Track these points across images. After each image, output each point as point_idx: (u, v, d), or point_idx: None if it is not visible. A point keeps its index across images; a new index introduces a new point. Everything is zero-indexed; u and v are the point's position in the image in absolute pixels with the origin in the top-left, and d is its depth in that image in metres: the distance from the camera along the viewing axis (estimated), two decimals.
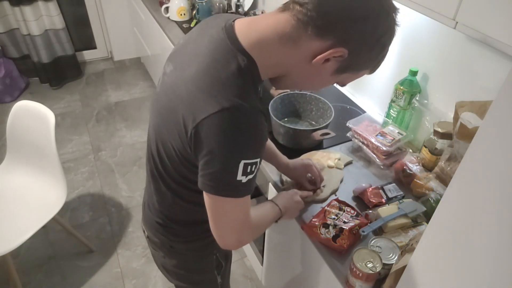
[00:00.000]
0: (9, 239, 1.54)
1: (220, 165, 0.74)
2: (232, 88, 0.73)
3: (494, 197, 0.55)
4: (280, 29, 0.74)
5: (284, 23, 0.74)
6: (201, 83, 0.74)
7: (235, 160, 0.73)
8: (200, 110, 0.72)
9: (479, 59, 1.13)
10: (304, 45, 0.74)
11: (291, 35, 0.74)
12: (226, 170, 0.74)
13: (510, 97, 0.50)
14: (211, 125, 0.71)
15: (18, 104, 1.70)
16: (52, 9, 3.01)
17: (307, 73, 0.80)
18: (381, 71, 1.53)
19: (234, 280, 1.97)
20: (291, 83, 0.85)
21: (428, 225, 0.70)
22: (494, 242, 0.57)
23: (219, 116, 0.71)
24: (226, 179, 0.75)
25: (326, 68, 0.77)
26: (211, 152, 0.73)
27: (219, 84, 0.73)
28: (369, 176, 1.29)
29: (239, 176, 0.75)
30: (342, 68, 0.77)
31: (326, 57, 0.74)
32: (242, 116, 0.72)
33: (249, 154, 0.74)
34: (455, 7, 0.82)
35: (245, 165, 0.74)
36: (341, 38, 0.72)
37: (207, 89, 0.73)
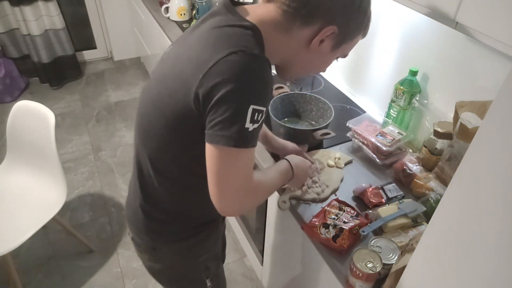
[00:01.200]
0: (9, 239, 1.54)
1: (230, 110, 0.72)
2: (239, 38, 0.75)
3: (494, 197, 0.55)
4: (273, 17, 0.80)
5: (274, 13, 0.80)
6: (208, 41, 0.76)
7: (245, 103, 0.72)
8: (208, 60, 0.73)
9: (479, 59, 1.13)
10: (296, 34, 0.81)
11: (282, 25, 0.80)
12: (236, 115, 0.72)
13: (510, 97, 0.50)
14: (220, 70, 0.71)
15: (18, 104, 1.70)
16: (52, 9, 3.01)
17: (309, 58, 0.86)
18: (381, 71, 1.54)
19: (234, 280, 1.97)
20: (297, 71, 0.91)
21: (428, 225, 0.70)
22: (494, 242, 0.57)
23: (227, 60, 0.71)
24: (236, 125, 0.73)
25: (324, 48, 0.84)
26: (221, 98, 0.72)
27: (226, 37, 0.75)
28: (369, 176, 1.29)
29: (247, 123, 0.73)
30: (338, 43, 0.84)
31: (320, 39, 0.81)
32: (251, 60, 0.73)
33: (257, 100, 0.73)
34: (455, 7, 0.82)
35: (253, 111, 0.72)
36: (327, 18, 0.79)
37: (214, 42, 0.75)
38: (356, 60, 1.67)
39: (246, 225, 1.83)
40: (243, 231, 1.89)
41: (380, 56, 1.52)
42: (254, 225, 1.71)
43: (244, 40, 0.75)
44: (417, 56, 1.35)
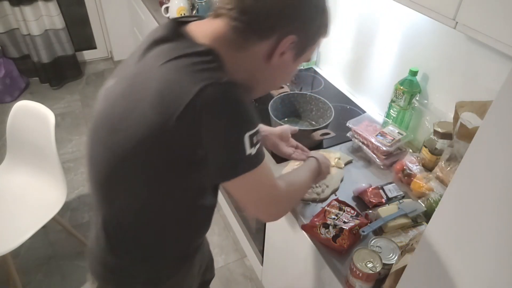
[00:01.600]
0: (9, 239, 1.54)
1: (226, 148, 0.69)
2: (203, 69, 0.68)
3: (494, 197, 0.55)
4: (225, 35, 0.73)
5: (225, 31, 0.73)
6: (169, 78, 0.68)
7: (238, 136, 0.68)
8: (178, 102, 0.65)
9: (479, 59, 1.13)
10: (253, 50, 0.74)
11: (236, 42, 0.73)
12: (234, 151, 0.69)
13: (510, 97, 0.50)
14: (197, 110, 0.65)
15: (18, 104, 1.70)
16: (52, 9, 3.01)
17: (272, 73, 0.80)
18: (381, 71, 1.53)
19: (234, 280, 1.97)
20: (262, 88, 0.85)
21: (428, 225, 0.70)
22: (494, 242, 0.57)
23: (201, 97, 0.65)
24: (238, 157, 0.70)
25: (286, 60, 0.78)
26: (211, 139, 0.68)
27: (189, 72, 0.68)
28: (369, 176, 1.29)
29: (248, 150, 0.69)
30: (300, 51, 0.78)
31: (280, 52, 0.75)
32: (225, 89, 0.67)
33: (248, 126, 0.70)
34: (455, 7, 0.82)
35: (249, 138, 0.69)
36: (283, 29, 0.73)
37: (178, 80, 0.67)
38: (356, 60, 1.67)
39: (246, 225, 1.83)
40: (243, 231, 1.89)
41: (380, 56, 1.52)
42: (254, 225, 1.71)
43: (208, 70, 0.68)
44: (417, 56, 1.35)
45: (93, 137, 0.81)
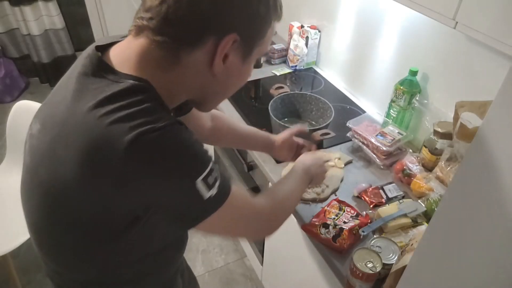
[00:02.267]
0: (9, 239, 1.54)
1: (178, 201, 0.61)
2: (135, 112, 0.56)
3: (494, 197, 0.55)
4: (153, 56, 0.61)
5: (152, 51, 0.61)
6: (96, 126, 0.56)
7: (189, 185, 0.58)
8: (110, 155, 0.55)
9: (479, 59, 1.13)
10: (188, 62, 0.62)
11: (167, 59, 0.61)
12: (188, 201, 0.60)
13: (510, 97, 0.50)
14: (134, 164, 0.55)
15: (18, 104, 1.70)
16: (52, 9, 3.01)
17: (222, 82, 0.68)
18: (381, 71, 1.53)
19: (234, 280, 1.97)
20: (215, 99, 0.75)
21: (428, 225, 0.70)
22: (494, 242, 0.57)
23: (134, 150, 0.54)
24: (196, 207, 0.61)
25: (233, 63, 0.65)
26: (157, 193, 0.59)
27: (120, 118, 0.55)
28: (369, 176, 1.29)
29: (206, 194, 0.60)
30: (247, 49, 0.66)
31: (221, 56, 0.62)
32: (162, 134, 0.56)
33: (198, 169, 0.59)
34: (455, 7, 0.82)
35: (204, 181, 0.59)
36: (218, 30, 0.60)
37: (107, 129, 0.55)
38: (356, 60, 1.67)
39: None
40: None
41: (380, 56, 1.52)
42: None
43: (138, 113, 0.56)
44: (417, 56, 1.35)
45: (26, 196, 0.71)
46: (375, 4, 1.48)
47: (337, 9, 1.67)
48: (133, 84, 0.59)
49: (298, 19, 1.94)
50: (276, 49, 1.91)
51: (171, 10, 0.58)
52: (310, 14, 1.89)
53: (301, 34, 1.83)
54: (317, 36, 1.82)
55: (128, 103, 0.57)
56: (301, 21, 1.91)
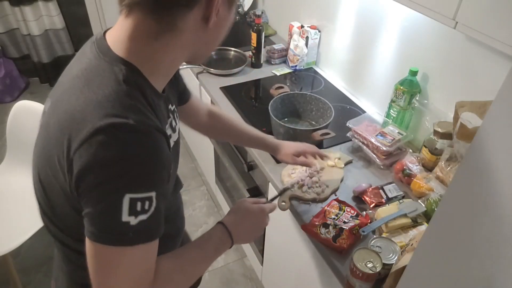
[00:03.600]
0: (9, 239, 1.54)
1: (98, 202, 0.57)
2: (110, 105, 0.58)
3: (494, 197, 0.55)
4: (148, 31, 0.63)
5: (147, 26, 0.62)
6: (75, 110, 0.60)
7: (116, 194, 0.56)
8: (73, 140, 0.58)
9: (479, 59, 1.13)
10: (185, 25, 0.63)
11: (163, 30, 0.63)
12: (106, 208, 0.57)
13: (510, 97, 0.50)
14: (84, 153, 0.56)
15: (18, 104, 1.70)
16: (52, 9, 3.01)
17: (212, 34, 0.70)
18: (381, 71, 1.53)
19: (234, 280, 1.97)
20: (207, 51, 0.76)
21: (428, 225, 0.70)
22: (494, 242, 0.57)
23: (92, 140, 0.56)
24: (108, 220, 0.57)
25: (222, 14, 0.67)
26: (88, 186, 0.57)
27: (94, 104, 0.58)
28: (369, 176, 1.29)
29: (125, 216, 0.57)
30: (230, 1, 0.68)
31: (216, 10, 0.64)
32: (123, 135, 0.57)
33: (135, 186, 0.57)
34: (455, 7, 0.82)
35: (132, 201, 0.57)
36: None
37: (81, 114, 0.58)
38: (356, 60, 1.67)
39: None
40: None
41: (380, 56, 1.52)
42: None
43: (117, 104, 0.58)
44: (417, 56, 1.35)
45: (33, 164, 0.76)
46: (375, 4, 1.48)
47: (337, 9, 1.67)
48: (123, 69, 0.61)
49: (298, 19, 1.94)
50: (276, 49, 1.91)
51: None
52: (310, 14, 1.89)
53: (301, 34, 1.83)
54: (317, 36, 1.82)
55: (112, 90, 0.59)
56: (301, 21, 1.91)
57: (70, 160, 0.58)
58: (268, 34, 2.15)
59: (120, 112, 0.58)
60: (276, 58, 1.92)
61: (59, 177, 0.62)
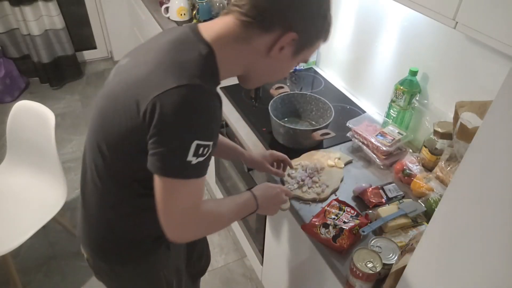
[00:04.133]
0: (9, 239, 1.54)
1: (171, 143, 0.72)
2: (192, 69, 0.74)
3: (494, 197, 0.55)
4: (231, 30, 0.79)
5: (233, 26, 0.79)
6: (161, 64, 0.74)
7: (189, 139, 0.71)
8: (156, 86, 0.71)
9: (479, 59, 1.13)
10: (256, 43, 0.79)
11: (241, 35, 0.79)
12: (177, 149, 0.72)
13: (510, 97, 0.50)
14: (167, 101, 0.70)
15: (18, 104, 1.70)
16: (52, 9, 3.01)
17: (269, 66, 0.85)
18: (381, 71, 1.53)
19: (234, 280, 1.97)
20: (259, 79, 0.90)
21: (428, 225, 0.70)
22: (493, 242, 0.57)
23: (176, 92, 0.70)
24: (176, 158, 0.72)
25: (284, 55, 0.82)
26: (164, 129, 0.71)
27: (179, 64, 0.74)
28: (369, 176, 1.29)
29: (190, 156, 0.72)
30: (298, 49, 0.83)
31: (280, 46, 0.79)
32: (200, 95, 0.72)
33: (203, 135, 0.73)
34: (455, 7, 0.82)
35: (197, 146, 0.72)
36: (286, 25, 0.78)
37: (166, 68, 0.73)
38: (356, 60, 1.67)
39: (246, 225, 1.83)
40: (243, 231, 1.89)
41: (380, 56, 1.52)
42: (254, 225, 1.71)
43: (197, 70, 0.74)
44: (417, 56, 1.35)
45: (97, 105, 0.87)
46: (375, 4, 1.48)
47: (337, 9, 1.67)
48: (205, 48, 0.77)
49: None
50: None
51: (261, 1, 0.76)
52: None
53: None
54: None
55: (194, 59, 0.75)
56: None
57: (153, 103, 0.70)
58: None
59: (198, 76, 0.73)
60: None
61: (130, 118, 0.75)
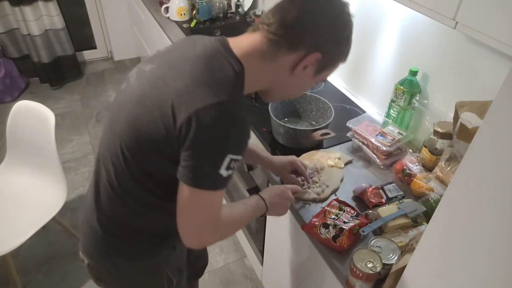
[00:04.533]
0: (9, 239, 1.54)
1: (207, 157, 0.75)
2: (229, 85, 0.77)
3: (494, 197, 0.55)
4: (259, 47, 0.82)
5: (260, 43, 0.82)
6: (198, 78, 0.76)
7: (224, 153, 0.75)
8: (196, 101, 0.73)
9: (479, 59, 1.13)
10: (281, 60, 0.83)
11: (268, 53, 0.82)
12: (212, 162, 0.75)
13: (510, 97, 0.50)
14: (206, 116, 0.72)
15: (18, 104, 1.70)
16: (52, 9, 3.01)
17: (291, 83, 0.89)
18: (381, 71, 1.53)
19: (234, 280, 1.97)
20: (279, 94, 0.93)
21: (428, 225, 0.70)
22: (493, 242, 0.57)
23: (214, 108, 0.73)
24: (209, 171, 0.76)
25: (306, 74, 0.86)
26: (201, 143, 0.74)
27: (217, 80, 0.76)
28: (369, 176, 1.29)
29: (222, 169, 0.76)
30: (320, 69, 0.86)
31: (304, 65, 0.83)
32: (237, 111, 0.76)
33: (237, 149, 0.77)
34: (455, 7, 0.82)
35: (230, 160, 0.75)
36: (312, 46, 0.81)
37: (205, 82, 0.75)
38: (356, 60, 1.67)
39: (246, 225, 1.83)
40: (243, 231, 1.90)
41: (380, 56, 1.52)
42: (254, 225, 1.72)
43: (232, 86, 0.77)
44: (417, 56, 1.35)
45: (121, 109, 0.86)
46: (375, 4, 1.48)
47: None
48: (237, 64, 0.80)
49: None
50: None
51: (289, 21, 0.80)
52: None
53: None
54: None
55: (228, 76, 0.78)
56: None
57: (191, 117, 0.72)
58: None
59: (235, 92, 0.77)
60: None
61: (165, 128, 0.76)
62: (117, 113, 0.87)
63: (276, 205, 1.03)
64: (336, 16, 0.83)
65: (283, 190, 1.07)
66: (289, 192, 1.08)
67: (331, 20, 0.82)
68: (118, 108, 0.88)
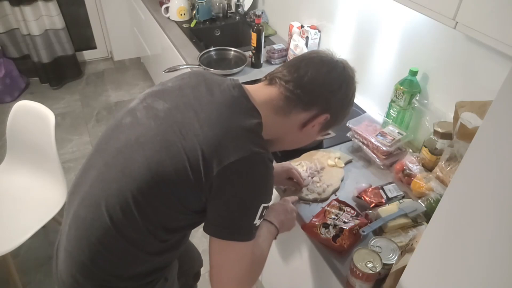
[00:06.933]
0: (9, 239, 1.54)
1: (242, 209, 0.77)
2: (256, 137, 0.80)
3: (494, 197, 0.55)
4: (274, 101, 0.86)
5: (277, 98, 0.86)
6: (227, 129, 0.77)
7: (258, 204, 0.77)
8: (229, 153, 0.74)
9: (479, 59, 1.13)
10: (293, 117, 0.87)
11: (282, 108, 0.86)
12: (247, 214, 0.77)
13: (510, 97, 0.50)
14: (240, 168, 0.74)
15: (18, 104, 1.70)
16: (52, 9, 3.01)
17: (297, 138, 0.94)
18: (381, 71, 1.53)
19: None
20: (284, 146, 0.97)
21: (428, 225, 0.70)
22: (493, 242, 0.57)
23: (249, 160, 0.75)
24: (245, 223, 0.77)
25: (314, 130, 0.92)
26: (237, 196, 0.76)
27: (246, 132, 0.78)
28: (369, 176, 1.29)
29: (256, 219, 0.78)
30: (325, 127, 0.93)
31: (313, 124, 0.89)
32: (267, 162, 0.79)
33: (268, 198, 0.80)
34: (455, 7, 0.82)
35: (263, 209, 0.78)
36: (324, 107, 0.87)
37: (235, 134, 0.77)
38: (356, 60, 1.67)
39: None
40: None
41: (380, 56, 1.52)
42: None
43: (259, 138, 0.81)
44: (417, 56, 1.35)
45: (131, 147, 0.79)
46: (375, 4, 1.48)
47: (336, 9, 1.67)
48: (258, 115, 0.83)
49: (298, 19, 1.94)
50: (276, 49, 1.91)
51: (305, 83, 0.85)
52: (310, 14, 1.89)
53: (301, 34, 1.83)
54: (317, 36, 1.82)
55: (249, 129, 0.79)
56: (301, 21, 1.91)
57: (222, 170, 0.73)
58: (268, 34, 2.15)
59: (261, 144, 0.79)
60: (276, 58, 1.92)
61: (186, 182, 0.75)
62: (129, 154, 0.79)
63: (284, 223, 1.04)
64: (349, 83, 0.89)
65: (284, 205, 1.07)
66: (290, 203, 1.09)
67: (345, 86, 0.88)
68: (127, 147, 0.80)
